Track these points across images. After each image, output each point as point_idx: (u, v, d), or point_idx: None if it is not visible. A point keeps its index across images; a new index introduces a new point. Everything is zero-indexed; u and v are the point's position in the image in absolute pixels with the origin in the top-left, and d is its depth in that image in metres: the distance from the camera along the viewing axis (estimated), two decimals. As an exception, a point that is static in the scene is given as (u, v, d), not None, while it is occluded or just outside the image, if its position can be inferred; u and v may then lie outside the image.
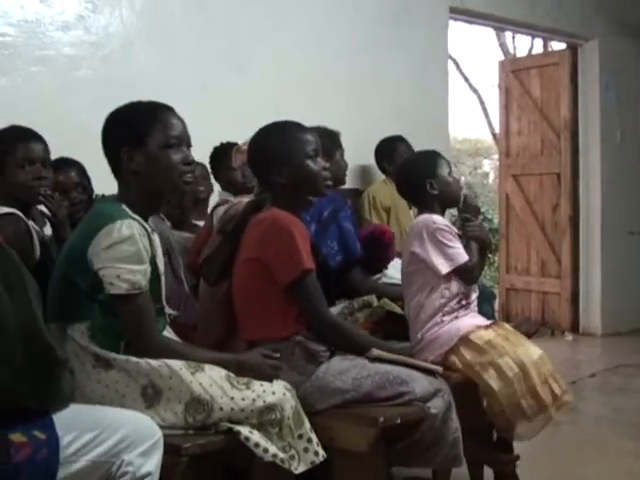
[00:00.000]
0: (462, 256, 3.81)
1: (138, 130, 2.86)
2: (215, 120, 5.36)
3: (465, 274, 3.83)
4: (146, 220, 2.87)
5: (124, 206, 2.80)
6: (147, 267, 2.77)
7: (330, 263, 4.03)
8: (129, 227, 2.70)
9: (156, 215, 4.01)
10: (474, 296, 3.95)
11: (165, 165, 2.87)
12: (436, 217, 3.88)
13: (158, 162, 2.86)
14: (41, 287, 2.48)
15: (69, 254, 2.81)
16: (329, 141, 4.56)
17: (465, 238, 3.89)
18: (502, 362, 3.64)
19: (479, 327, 3.81)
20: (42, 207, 3.59)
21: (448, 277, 3.82)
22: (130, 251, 2.70)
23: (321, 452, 2.89)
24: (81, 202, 4.07)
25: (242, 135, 3.51)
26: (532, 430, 3.83)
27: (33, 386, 2.33)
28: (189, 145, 2.97)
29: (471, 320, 3.85)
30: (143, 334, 2.77)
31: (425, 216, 3.93)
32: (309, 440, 2.87)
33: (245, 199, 3.74)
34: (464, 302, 3.88)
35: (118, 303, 2.72)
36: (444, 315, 3.82)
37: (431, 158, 4.09)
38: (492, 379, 3.65)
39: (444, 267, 3.79)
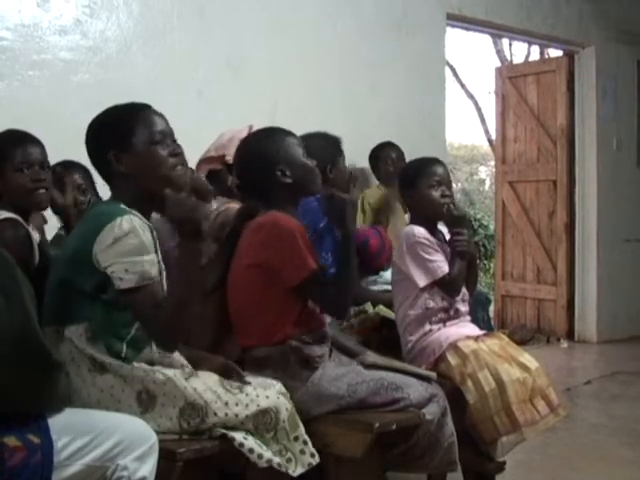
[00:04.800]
0: (441, 270, 3.82)
1: (122, 132, 2.85)
2: (212, 125, 5.35)
3: (445, 287, 3.84)
4: (145, 217, 2.85)
5: (122, 205, 2.80)
6: (154, 257, 2.74)
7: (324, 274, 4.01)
8: (129, 221, 2.69)
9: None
10: (464, 306, 3.95)
11: (155, 161, 2.86)
12: (417, 229, 3.87)
13: (147, 159, 2.85)
14: (39, 292, 2.47)
15: (71, 257, 2.78)
16: (332, 148, 4.55)
17: (453, 253, 3.88)
18: (481, 376, 3.64)
19: (469, 337, 3.81)
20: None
21: (430, 289, 3.83)
22: (133, 244, 2.68)
23: (317, 454, 2.89)
24: (82, 204, 4.07)
25: (239, 140, 3.52)
26: (502, 448, 3.83)
27: (28, 391, 2.32)
28: (174, 139, 2.95)
29: (460, 330, 3.86)
30: (160, 324, 2.74)
31: (408, 228, 3.94)
32: (305, 442, 2.87)
33: (231, 205, 3.74)
34: (451, 312, 3.89)
35: (131, 297, 2.69)
36: (432, 324, 3.83)
37: (415, 168, 4.07)
38: (469, 392, 3.66)
39: (421, 280, 3.81)
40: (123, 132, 2.85)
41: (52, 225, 4.06)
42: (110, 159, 2.83)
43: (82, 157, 3.91)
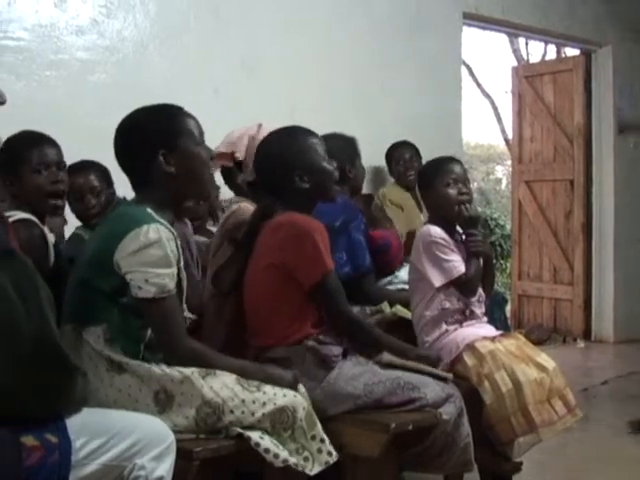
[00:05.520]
0: (457, 269, 3.81)
1: (170, 132, 2.90)
2: (228, 124, 5.36)
3: (461, 287, 3.83)
4: (171, 223, 2.88)
5: (149, 209, 2.81)
6: (174, 270, 2.78)
7: (338, 273, 4.01)
8: (156, 231, 2.72)
9: (181, 220, 4.02)
10: (479, 308, 3.94)
11: (201, 162, 2.94)
12: (434, 229, 3.87)
13: (195, 160, 2.92)
14: (55, 293, 2.48)
15: (92, 257, 2.81)
16: (350, 148, 4.63)
17: (468, 253, 3.88)
18: (497, 376, 3.64)
19: (485, 338, 3.80)
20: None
21: (446, 289, 3.82)
22: (157, 255, 2.71)
23: (334, 452, 2.89)
24: (94, 206, 4.08)
25: (255, 140, 3.53)
26: (519, 449, 3.83)
27: (46, 393, 2.33)
28: None
29: (477, 330, 3.85)
30: (171, 337, 2.77)
31: (425, 227, 3.94)
32: (322, 440, 2.87)
33: (243, 204, 3.74)
34: (467, 313, 3.88)
35: (146, 307, 2.73)
36: (448, 325, 3.83)
37: (432, 167, 4.08)
38: (486, 393, 3.65)
39: (437, 280, 3.80)
40: (171, 132, 2.90)
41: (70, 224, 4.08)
42: (159, 159, 2.86)
43: (98, 157, 3.96)
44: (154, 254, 2.71)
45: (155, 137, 2.89)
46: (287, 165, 3.29)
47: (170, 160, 2.87)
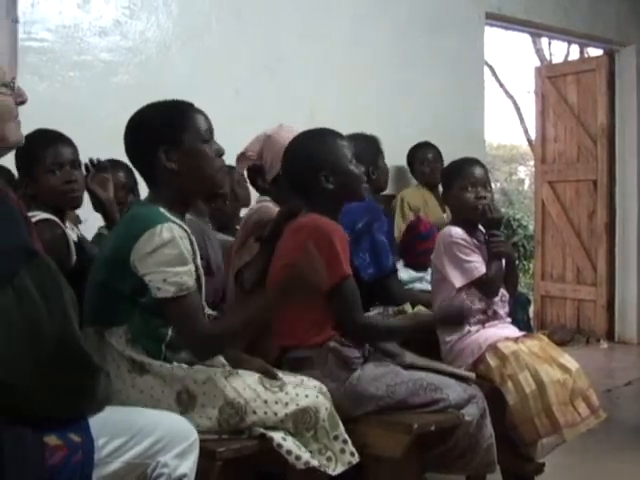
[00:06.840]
0: (478, 270, 3.81)
1: (173, 128, 2.87)
2: (249, 125, 5.37)
3: (482, 287, 3.83)
4: (182, 219, 2.87)
5: (161, 208, 2.81)
6: (192, 267, 2.77)
7: (362, 275, 4.00)
8: (169, 230, 2.71)
9: (202, 219, 4.03)
10: (502, 308, 3.93)
11: (204, 160, 2.90)
12: (455, 230, 3.87)
13: (197, 157, 2.88)
14: (77, 292, 2.49)
15: (109, 259, 2.81)
16: (372, 148, 4.63)
17: (489, 254, 3.87)
18: (521, 377, 3.63)
19: (508, 338, 3.79)
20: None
21: (467, 290, 3.82)
22: (173, 254, 2.70)
23: (356, 454, 2.89)
24: (124, 203, 4.09)
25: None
26: (542, 450, 3.81)
27: (66, 394, 2.33)
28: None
29: (499, 331, 3.84)
30: (194, 332, 2.75)
31: (446, 228, 3.95)
32: (345, 441, 2.87)
33: (265, 204, 3.75)
34: (490, 313, 3.87)
35: (167, 306, 2.71)
36: (470, 325, 3.81)
37: (453, 169, 4.08)
38: (509, 393, 3.64)
39: (458, 281, 3.80)
40: (174, 128, 2.87)
41: (90, 224, 4.09)
42: (160, 155, 2.84)
43: (121, 158, 3.95)
44: (169, 253, 2.70)
45: (157, 132, 2.87)
46: (314, 165, 3.29)
47: (172, 156, 2.84)
